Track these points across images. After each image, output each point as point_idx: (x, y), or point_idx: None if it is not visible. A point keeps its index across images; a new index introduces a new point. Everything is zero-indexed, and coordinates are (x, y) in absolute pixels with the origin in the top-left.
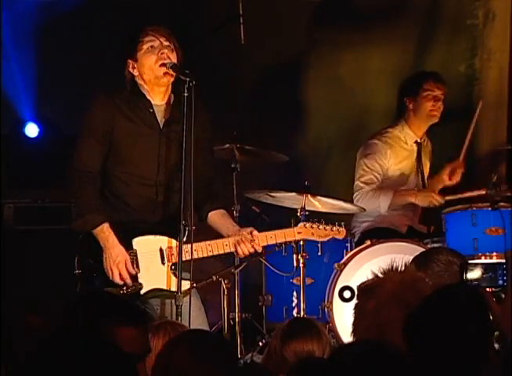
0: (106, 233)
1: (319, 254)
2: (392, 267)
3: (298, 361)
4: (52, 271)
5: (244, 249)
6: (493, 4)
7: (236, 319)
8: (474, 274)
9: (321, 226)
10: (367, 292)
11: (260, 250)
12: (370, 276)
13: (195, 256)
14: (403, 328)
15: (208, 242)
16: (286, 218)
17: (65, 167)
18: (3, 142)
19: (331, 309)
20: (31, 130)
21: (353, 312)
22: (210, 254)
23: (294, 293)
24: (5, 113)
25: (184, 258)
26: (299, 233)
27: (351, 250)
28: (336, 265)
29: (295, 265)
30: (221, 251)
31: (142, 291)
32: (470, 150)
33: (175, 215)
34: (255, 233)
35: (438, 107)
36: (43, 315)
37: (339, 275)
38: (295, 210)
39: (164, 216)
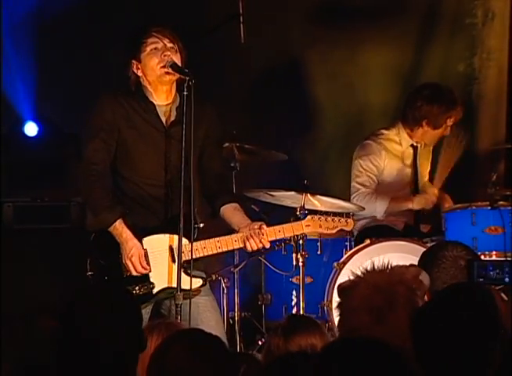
0: (119, 229)
1: (319, 253)
2: (373, 267)
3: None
4: (51, 270)
5: (253, 244)
6: (492, 3)
7: (236, 318)
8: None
9: (329, 218)
10: (345, 292)
11: (268, 245)
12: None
13: (205, 253)
14: (410, 326)
15: (217, 238)
16: (285, 217)
17: (64, 166)
18: (2, 141)
19: (330, 308)
20: (30, 129)
21: (337, 311)
22: (220, 250)
23: (294, 292)
24: (4, 112)
25: (195, 256)
26: (307, 225)
27: (350, 249)
28: (335, 264)
29: (294, 264)
30: (231, 248)
31: (155, 291)
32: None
33: (185, 213)
34: (264, 227)
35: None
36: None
37: (338, 274)
38: (294, 209)
39: (175, 215)
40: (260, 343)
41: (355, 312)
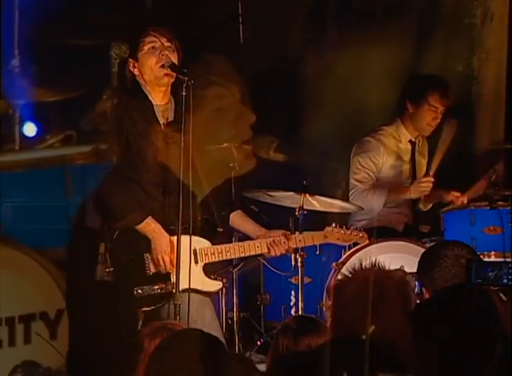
0: (151, 225)
1: (317, 253)
2: (361, 266)
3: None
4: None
5: (277, 251)
6: (491, 3)
7: (234, 319)
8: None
9: (347, 232)
10: (336, 290)
11: (291, 252)
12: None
13: (227, 257)
14: (410, 325)
15: (240, 243)
16: (284, 217)
17: (63, 165)
18: (2, 141)
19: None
20: (29, 129)
21: (329, 311)
22: (242, 255)
23: (292, 292)
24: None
25: (216, 259)
26: (326, 236)
27: (349, 249)
28: (334, 264)
29: (293, 264)
30: (253, 253)
31: (174, 291)
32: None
33: (204, 215)
34: (289, 236)
35: (435, 123)
36: None
37: (337, 274)
38: (293, 209)
39: (194, 217)
40: (259, 343)
41: (349, 306)
